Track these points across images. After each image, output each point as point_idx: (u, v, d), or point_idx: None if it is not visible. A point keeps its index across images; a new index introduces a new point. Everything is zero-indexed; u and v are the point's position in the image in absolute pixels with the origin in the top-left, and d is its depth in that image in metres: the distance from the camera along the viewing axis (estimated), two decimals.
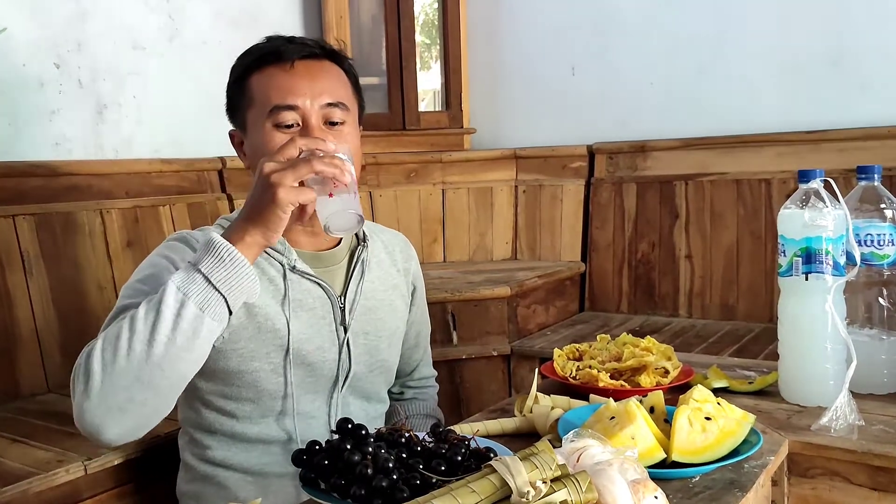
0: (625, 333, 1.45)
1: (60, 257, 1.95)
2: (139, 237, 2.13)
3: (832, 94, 2.42)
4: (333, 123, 1.22)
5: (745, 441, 1.00)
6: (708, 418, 1.00)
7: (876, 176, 1.31)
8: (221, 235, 1.04)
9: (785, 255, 1.25)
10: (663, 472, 0.95)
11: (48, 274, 1.91)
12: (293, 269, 1.22)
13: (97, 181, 2.09)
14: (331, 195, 1.06)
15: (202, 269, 1.01)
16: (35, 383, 1.85)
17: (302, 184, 1.04)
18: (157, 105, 2.35)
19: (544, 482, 0.68)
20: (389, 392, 1.45)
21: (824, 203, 1.21)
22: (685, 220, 2.58)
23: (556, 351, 1.43)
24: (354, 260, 1.30)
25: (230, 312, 1.03)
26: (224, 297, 1.01)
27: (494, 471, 0.71)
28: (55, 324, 1.91)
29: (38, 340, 1.87)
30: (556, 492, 0.68)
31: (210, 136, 2.48)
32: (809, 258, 1.22)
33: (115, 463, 1.43)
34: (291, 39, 1.26)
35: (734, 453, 0.98)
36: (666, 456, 0.96)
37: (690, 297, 2.56)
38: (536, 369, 1.31)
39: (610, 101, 2.82)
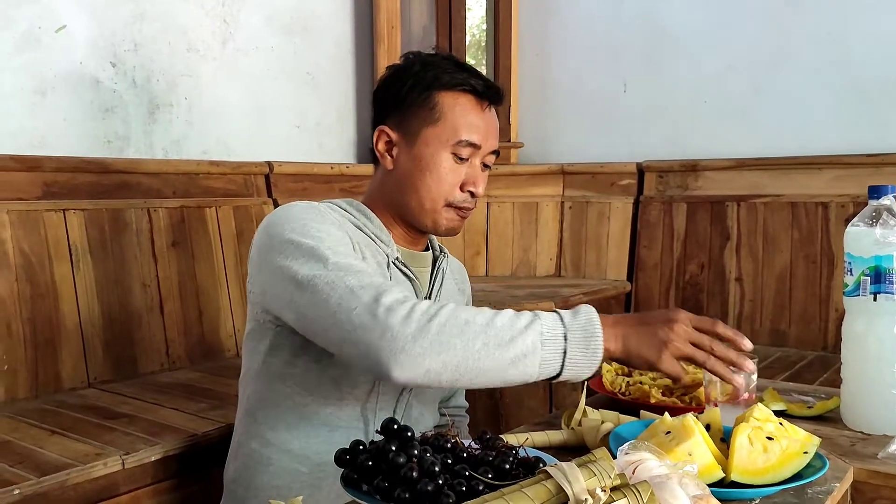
0: None
1: (107, 253, 1.96)
2: (184, 238, 2.14)
3: (895, 117, 2.34)
4: (487, 166, 1.29)
5: (808, 465, 0.95)
6: (770, 438, 0.95)
7: None
8: (601, 318, 1.04)
9: (852, 274, 1.19)
10: (721, 491, 0.89)
11: (94, 269, 1.93)
12: (395, 261, 1.26)
13: (146, 180, 2.10)
14: (715, 404, 1.10)
15: (568, 339, 1.02)
16: (76, 377, 1.85)
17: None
18: (207, 107, 2.37)
19: (603, 490, 0.64)
20: None
21: None
22: (736, 242, 2.52)
23: (605, 366, 1.39)
24: (437, 267, 1.35)
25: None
26: (561, 370, 1.03)
27: (550, 477, 0.68)
28: (99, 319, 1.91)
29: (81, 334, 1.88)
30: (615, 501, 0.64)
31: (258, 141, 2.51)
32: (879, 277, 1.16)
33: (154, 458, 1.41)
34: (480, 74, 1.28)
35: (797, 477, 0.93)
36: (724, 475, 0.91)
37: (740, 320, 2.49)
38: (584, 383, 1.26)
39: (662, 119, 2.77)
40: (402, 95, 1.26)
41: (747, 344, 1.08)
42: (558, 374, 1.03)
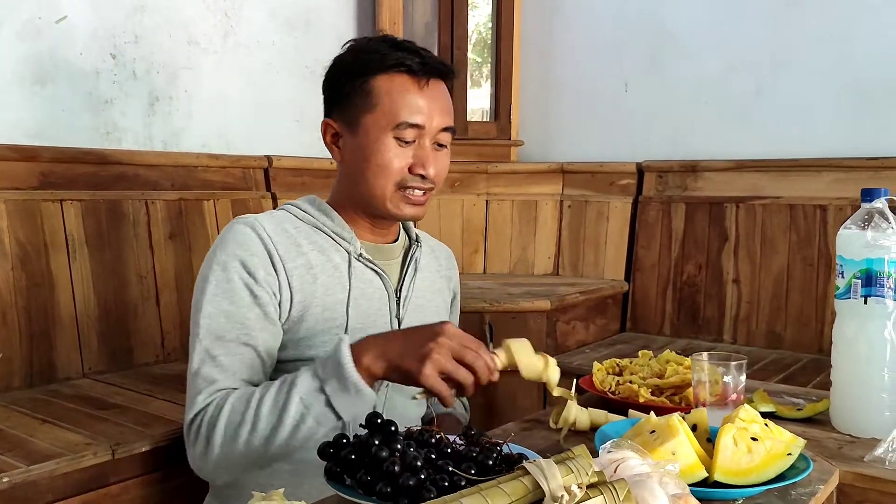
0: (668, 351, 1.41)
1: (104, 244, 1.97)
2: (182, 230, 2.14)
3: None
4: (441, 145, 1.25)
5: (792, 467, 0.95)
6: (754, 439, 0.95)
7: None
8: (353, 352, 1.05)
9: (843, 277, 1.19)
10: (705, 491, 0.90)
11: (91, 259, 1.93)
12: (359, 257, 1.25)
13: (145, 171, 2.10)
14: (704, 404, 1.13)
15: (327, 392, 1.06)
16: (71, 367, 1.85)
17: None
18: (207, 100, 2.37)
19: (580, 487, 0.64)
20: None
21: (888, 223, 1.15)
22: (734, 244, 2.51)
23: (596, 364, 1.39)
24: (409, 258, 1.34)
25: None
26: (341, 418, 1.07)
27: (527, 473, 0.68)
28: (94, 309, 1.92)
29: (76, 325, 1.88)
30: (591, 498, 0.64)
31: (258, 135, 2.50)
32: (870, 280, 1.16)
33: (144, 450, 1.41)
34: (419, 51, 1.25)
35: (780, 478, 0.93)
36: (708, 475, 0.91)
37: (736, 322, 2.48)
38: (574, 380, 1.27)
39: (662, 119, 2.77)
40: (340, 85, 1.26)
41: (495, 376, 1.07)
42: (341, 419, 1.07)
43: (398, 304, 1.30)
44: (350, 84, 1.24)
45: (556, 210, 2.85)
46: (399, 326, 1.29)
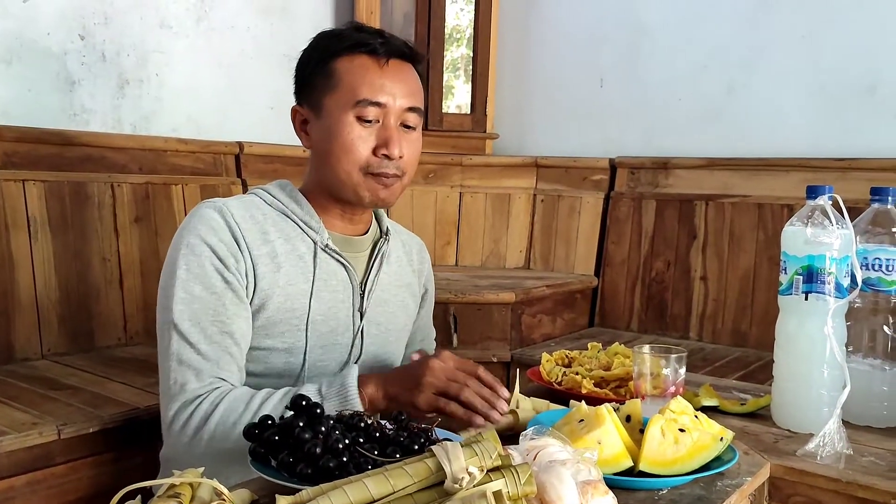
0: (616, 343, 1.41)
1: (67, 226, 1.96)
2: (148, 213, 2.13)
3: (865, 122, 2.35)
4: (408, 127, 1.23)
5: (718, 458, 0.96)
6: (682, 430, 0.96)
7: (890, 199, 1.26)
8: (366, 376, 1.12)
9: (786, 273, 1.20)
10: (629, 480, 0.91)
11: (53, 241, 1.92)
12: (325, 247, 1.24)
13: (111, 154, 2.09)
14: (643, 397, 1.15)
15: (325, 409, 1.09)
16: (29, 348, 1.85)
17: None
18: (179, 85, 2.36)
19: (480, 469, 0.65)
20: None
21: (830, 221, 1.15)
22: (703, 241, 2.52)
23: (545, 356, 1.40)
24: (377, 251, 1.32)
25: None
26: None
27: (434, 455, 0.68)
28: (55, 291, 1.91)
29: (36, 306, 1.87)
30: (491, 480, 0.65)
31: (230, 121, 2.49)
32: (811, 277, 1.16)
33: (91, 430, 1.41)
34: (382, 34, 1.25)
35: (706, 469, 0.94)
36: (633, 464, 0.92)
37: (702, 319, 2.50)
38: (518, 370, 1.27)
39: (636, 116, 2.78)
40: (306, 72, 1.26)
41: (504, 392, 1.10)
42: None
43: (362, 298, 1.28)
44: (314, 68, 1.24)
45: (528, 204, 2.86)
46: (361, 320, 1.28)
